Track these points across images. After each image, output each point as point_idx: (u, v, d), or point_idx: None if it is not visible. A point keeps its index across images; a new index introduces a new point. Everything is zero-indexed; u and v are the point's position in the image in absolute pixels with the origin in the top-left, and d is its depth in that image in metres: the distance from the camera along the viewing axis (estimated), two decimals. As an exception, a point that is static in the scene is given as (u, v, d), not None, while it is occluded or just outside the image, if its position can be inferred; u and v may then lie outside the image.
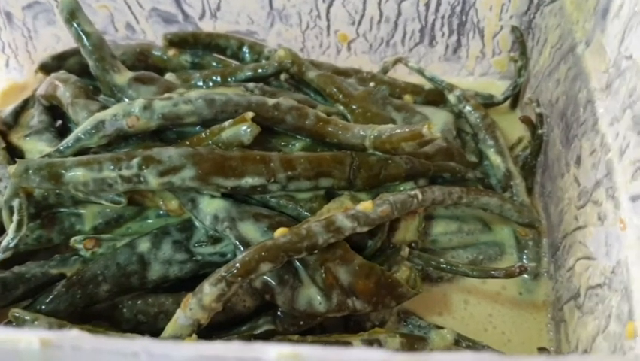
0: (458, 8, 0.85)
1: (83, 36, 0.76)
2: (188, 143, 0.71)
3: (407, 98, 0.84)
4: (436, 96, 0.86)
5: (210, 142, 0.69)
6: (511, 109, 0.91)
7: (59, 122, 0.80)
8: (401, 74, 0.91)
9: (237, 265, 0.60)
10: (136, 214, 0.73)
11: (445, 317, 0.73)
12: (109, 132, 0.69)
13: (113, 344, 0.36)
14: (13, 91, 0.94)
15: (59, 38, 0.92)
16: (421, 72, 0.85)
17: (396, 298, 0.66)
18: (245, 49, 0.86)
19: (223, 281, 0.60)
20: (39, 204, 0.70)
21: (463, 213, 0.78)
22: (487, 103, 0.87)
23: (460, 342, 0.67)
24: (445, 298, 0.74)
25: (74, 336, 0.37)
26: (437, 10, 0.86)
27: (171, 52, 0.86)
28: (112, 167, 0.65)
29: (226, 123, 0.69)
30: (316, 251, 0.63)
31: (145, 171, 0.65)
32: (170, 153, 0.66)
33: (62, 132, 0.78)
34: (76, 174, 0.65)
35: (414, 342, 0.66)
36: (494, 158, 0.80)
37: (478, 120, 0.82)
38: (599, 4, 0.67)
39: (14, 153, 0.75)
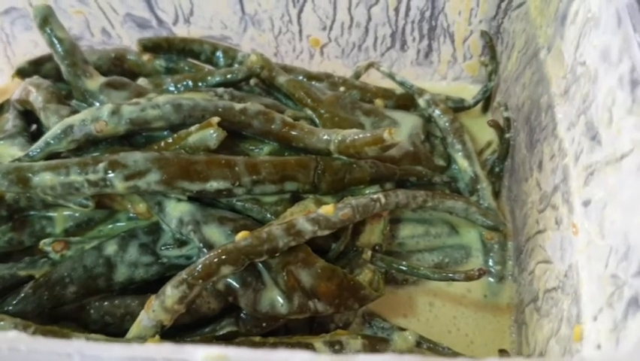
0: (427, 13, 0.86)
1: (56, 42, 0.77)
2: (155, 147, 0.72)
3: (378, 102, 0.85)
4: (407, 100, 0.86)
5: (177, 146, 0.70)
6: (483, 113, 0.92)
7: (34, 126, 0.81)
8: (374, 79, 0.92)
9: (199, 267, 0.61)
10: (107, 217, 0.74)
11: (410, 319, 0.74)
12: (77, 137, 0.70)
13: (48, 345, 0.38)
14: (-7, 95, 0.96)
15: (37, 43, 0.93)
16: (391, 76, 0.86)
17: (359, 300, 0.67)
18: (218, 54, 0.87)
19: (185, 284, 0.61)
20: (10, 207, 0.71)
21: (431, 217, 0.79)
22: (458, 107, 0.88)
23: (422, 344, 0.68)
24: (410, 300, 0.75)
25: (11, 338, 0.38)
26: (407, 15, 0.87)
27: (146, 57, 0.87)
28: (79, 171, 0.66)
29: (193, 128, 0.70)
30: (278, 254, 0.64)
31: (111, 175, 0.66)
32: (135, 158, 0.67)
33: (36, 137, 0.78)
34: (44, 178, 0.66)
35: (376, 343, 0.67)
36: (462, 162, 0.81)
37: (446, 124, 0.82)
38: (559, 10, 0.67)
39: (-12, 158, 0.76)
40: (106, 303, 0.67)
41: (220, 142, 0.70)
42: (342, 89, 0.85)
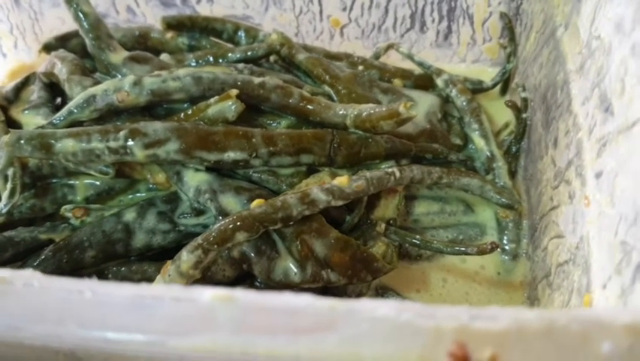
0: (447, -6, 0.87)
1: (81, 16, 0.79)
2: (175, 118, 0.73)
3: (396, 82, 0.86)
4: (426, 81, 0.87)
5: (196, 118, 0.72)
6: (501, 95, 0.92)
7: (59, 99, 0.83)
8: (394, 60, 0.92)
9: (214, 233, 0.63)
10: (127, 187, 0.75)
11: (423, 293, 0.74)
12: (100, 106, 0.71)
13: (61, 282, 0.39)
14: (21, 71, 0.98)
15: (64, 20, 0.95)
16: (410, 57, 0.87)
17: (372, 272, 0.68)
18: (240, 32, 0.89)
19: (200, 249, 0.62)
20: (34, 174, 0.73)
21: (446, 195, 0.79)
22: (477, 89, 0.88)
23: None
24: (423, 275, 0.75)
25: (26, 275, 0.40)
26: (427, -5, 0.88)
27: (169, 34, 0.89)
28: (100, 138, 0.67)
29: (212, 100, 0.72)
30: (292, 223, 0.65)
31: (131, 142, 0.67)
32: (155, 127, 0.68)
33: (61, 108, 0.81)
34: (66, 145, 0.67)
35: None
36: (478, 141, 0.81)
37: (464, 104, 0.83)
38: (577, -13, 0.68)
39: (14, 127, 0.78)
40: (123, 268, 0.69)
41: (238, 114, 0.71)
42: (360, 68, 0.86)
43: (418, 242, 0.70)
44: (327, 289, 0.70)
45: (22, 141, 0.68)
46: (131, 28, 0.90)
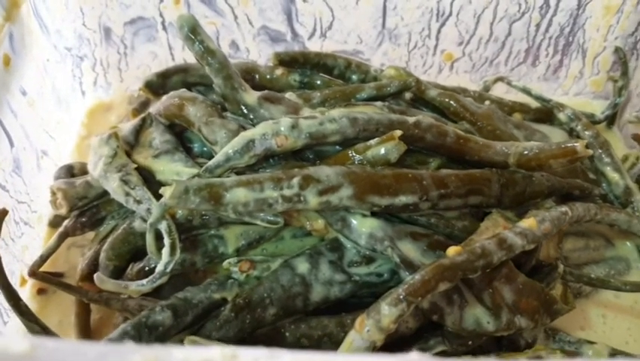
0: (567, 29, 0.87)
1: (208, 54, 0.73)
2: (331, 161, 0.69)
3: (516, 116, 0.85)
4: (544, 115, 0.87)
5: (356, 160, 0.68)
6: (608, 128, 0.93)
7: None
8: (498, 93, 0.92)
9: (417, 284, 0.59)
10: (272, 235, 0.71)
11: (587, 331, 0.73)
12: (258, 152, 0.67)
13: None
14: (99, 109, 0.91)
15: (156, 55, 0.89)
16: (526, 91, 0.86)
17: (552, 314, 0.67)
18: (352, 68, 0.85)
19: (404, 301, 0.59)
20: (181, 226, 0.67)
21: (587, 230, 0.79)
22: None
23: (616, 355, 0.67)
24: (583, 313, 0.74)
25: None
26: (547, 30, 0.87)
27: (279, 71, 0.84)
28: (272, 186, 0.63)
29: (372, 142, 0.69)
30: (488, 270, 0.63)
31: (305, 190, 0.63)
32: (327, 172, 0.65)
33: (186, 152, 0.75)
34: (237, 195, 0.62)
35: (573, 358, 0.66)
36: (612, 175, 0.81)
37: (591, 139, 0.83)
38: None
39: (142, 174, 0.72)
40: (303, 325, 0.64)
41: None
42: (487, 102, 0.85)
43: (595, 281, 0.70)
44: (502, 336, 0.68)
45: (190, 193, 0.62)
46: (236, 64, 0.85)
